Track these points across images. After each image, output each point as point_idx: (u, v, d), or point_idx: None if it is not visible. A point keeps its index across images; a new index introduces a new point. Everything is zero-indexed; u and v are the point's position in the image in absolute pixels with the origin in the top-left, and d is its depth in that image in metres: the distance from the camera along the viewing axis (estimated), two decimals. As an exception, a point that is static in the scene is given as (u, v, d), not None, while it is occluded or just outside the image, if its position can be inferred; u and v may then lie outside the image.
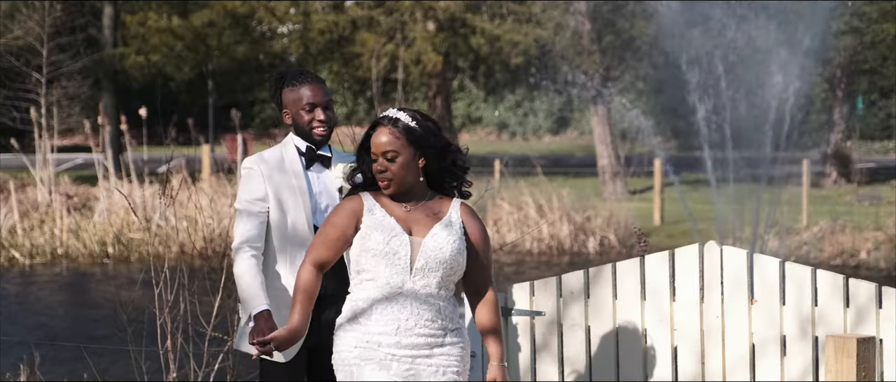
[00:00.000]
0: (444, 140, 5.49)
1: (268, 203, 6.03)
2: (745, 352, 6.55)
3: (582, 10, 33.36)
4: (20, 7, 34.22)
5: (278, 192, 6.04)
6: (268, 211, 6.03)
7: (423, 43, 36.45)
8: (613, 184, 32.61)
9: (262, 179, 6.04)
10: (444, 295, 5.44)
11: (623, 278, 6.79)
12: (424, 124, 5.44)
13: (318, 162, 6.12)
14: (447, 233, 5.42)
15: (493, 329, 5.46)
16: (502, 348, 5.45)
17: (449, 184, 5.56)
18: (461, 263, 5.43)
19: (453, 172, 5.54)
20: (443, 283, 5.42)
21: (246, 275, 5.96)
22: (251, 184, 6.05)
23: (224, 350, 8.38)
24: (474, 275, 5.49)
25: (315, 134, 6.09)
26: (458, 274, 5.45)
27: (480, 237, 5.48)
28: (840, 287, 6.37)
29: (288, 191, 6.05)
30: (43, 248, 23.66)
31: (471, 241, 5.47)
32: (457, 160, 5.53)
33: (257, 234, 6.00)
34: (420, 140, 5.42)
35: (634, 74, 38.51)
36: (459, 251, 5.41)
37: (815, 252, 23.61)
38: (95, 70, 37.11)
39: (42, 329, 16.86)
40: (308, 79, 6.12)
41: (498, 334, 5.46)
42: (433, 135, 5.44)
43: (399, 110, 5.48)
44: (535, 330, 6.95)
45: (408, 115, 5.44)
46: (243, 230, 5.99)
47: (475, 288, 5.52)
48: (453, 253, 5.41)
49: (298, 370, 6.11)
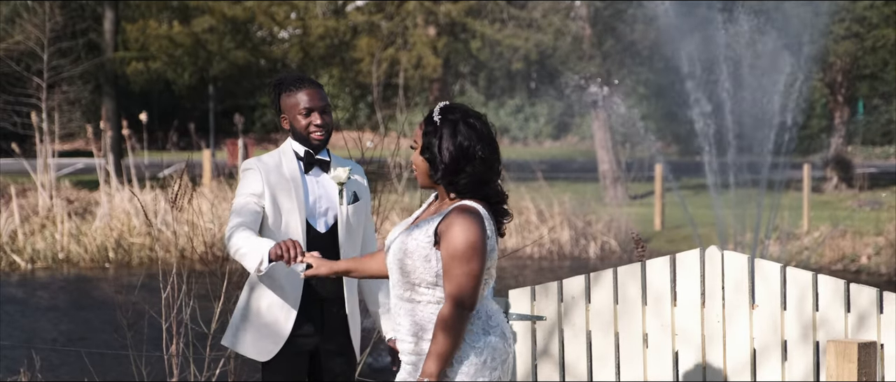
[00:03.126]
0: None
1: (264, 200, 6.04)
2: (747, 357, 6.55)
3: (582, 15, 33.38)
4: (21, 12, 34.24)
5: (275, 193, 6.06)
6: (263, 208, 6.04)
7: (423, 48, 36.48)
8: (614, 188, 32.62)
9: (260, 177, 6.06)
10: (408, 297, 5.20)
11: (624, 283, 6.79)
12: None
13: (317, 166, 6.14)
14: (406, 234, 5.21)
15: (433, 342, 5.11)
16: (436, 363, 5.06)
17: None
18: (407, 265, 5.14)
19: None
20: (402, 284, 5.19)
21: (235, 239, 5.83)
22: (249, 180, 6.08)
23: (225, 355, 8.39)
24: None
25: (313, 138, 6.12)
26: (414, 276, 5.13)
27: (446, 244, 5.09)
28: (841, 292, 6.37)
29: (284, 194, 6.07)
30: (44, 253, 23.66)
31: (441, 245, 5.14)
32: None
33: (252, 221, 5.95)
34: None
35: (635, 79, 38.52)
36: (405, 252, 5.16)
37: (816, 257, 23.61)
38: (96, 75, 37.12)
39: (43, 334, 16.86)
40: (305, 85, 6.15)
41: (435, 346, 5.07)
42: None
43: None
44: (537, 335, 6.95)
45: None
46: (237, 219, 5.96)
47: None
48: (397, 253, 5.19)
49: (300, 373, 6.11)
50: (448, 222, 5.08)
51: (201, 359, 8.41)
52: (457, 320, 5.05)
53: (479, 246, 5.05)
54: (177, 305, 8.01)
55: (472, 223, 5.06)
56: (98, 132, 29.96)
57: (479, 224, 5.08)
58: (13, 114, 31.58)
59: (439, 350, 5.05)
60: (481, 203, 5.15)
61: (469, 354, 5.12)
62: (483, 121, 5.16)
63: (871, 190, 31.68)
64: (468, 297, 5.05)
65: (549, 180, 30.06)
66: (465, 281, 5.04)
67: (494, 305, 5.26)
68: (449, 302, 5.05)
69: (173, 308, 7.99)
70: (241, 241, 5.81)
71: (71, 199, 26.57)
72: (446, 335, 5.04)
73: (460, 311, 5.05)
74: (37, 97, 30.11)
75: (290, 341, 6.05)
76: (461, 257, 5.03)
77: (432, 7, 36.41)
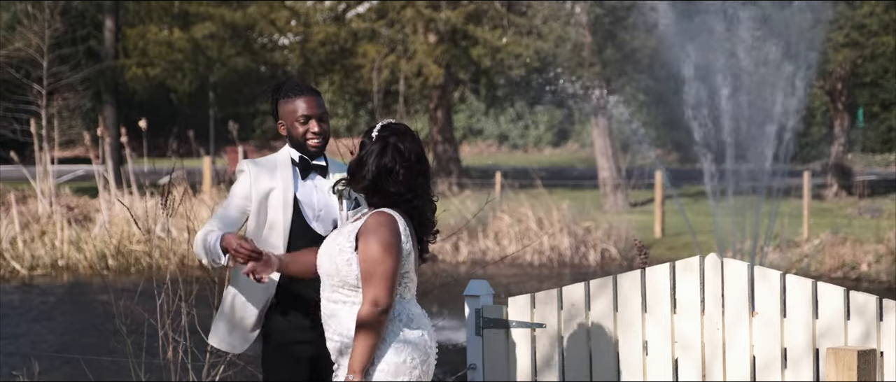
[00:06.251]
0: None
1: (249, 202, 6.12)
2: (746, 365, 6.54)
3: (583, 23, 33.39)
4: (21, 19, 34.25)
5: (263, 195, 6.12)
6: (246, 211, 6.12)
7: (424, 55, 36.46)
8: (614, 196, 32.62)
9: (249, 181, 6.13)
10: (334, 297, 5.63)
11: (624, 290, 6.78)
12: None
13: (315, 171, 6.17)
14: (333, 237, 5.66)
15: (354, 341, 5.49)
16: (358, 360, 5.45)
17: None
18: (330, 267, 5.58)
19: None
20: (329, 286, 5.62)
21: (199, 236, 6.06)
22: (237, 184, 6.18)
23: (223, 360, 8.38)
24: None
25: (310, 145, 6.17)
26: (337, 279, 5.58)
27: (362, 247, 5.52)
28: (841, 299, 6.36)
29: (273, 197, 6.12)
30: (43, 260, 23.66)
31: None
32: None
33: (222, 226, 6.08)
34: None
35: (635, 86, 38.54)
36: (330, 254, 5.59)
37: (816, 264, 23.61)
38: (96, 82, 37.14)
39: (42, 341, 16.85)
40: (304, 92, 6.19)
41: (357, 345, 5.47)
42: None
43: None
44: (537, 343, 6.94)
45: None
46: (212, 223, 6.11)
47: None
48: (323, 255, 5.63)
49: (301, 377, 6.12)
50: (364, 227, 5.51)
51: (200, 366, 8.40)
52: (372, 318, 5.43)
53: (391, 247, 5.46)
54: (172, 311, 8.02)
55: (384, 226, 5.49)
56: (96, 139, 29.95)
57: (393, 227, 5.49)
58: (13, 121, 31.60)
59: (359, 348, 5.44)
60: (399, 211, 5.56)
61: (389, 354, 5.50)
62: (416, 145, 5.62)
63: (871, 197, 31.69)
64: (382, 296, 5.43)
65: (549, 187, 30.05)
66: (378, 281, 5.43)
67: (418, 309, 5.66)
68: (365, 302, 5.45)
69: (169, 314, 7.99)
70: (201, 239, 6.03)
71: (70, 206, 26.57)
72: (364, 333, 5.44)
73: (375, 310, 5.43)
74: (37, 104, 30.13)
75: (286, 347, 6.07)
76: (373, 258, 5.44)
77: (432, 14, 36.40)
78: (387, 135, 5.58)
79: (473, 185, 34.24)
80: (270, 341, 6.15)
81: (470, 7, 36.89)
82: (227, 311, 6.22)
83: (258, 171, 6.13)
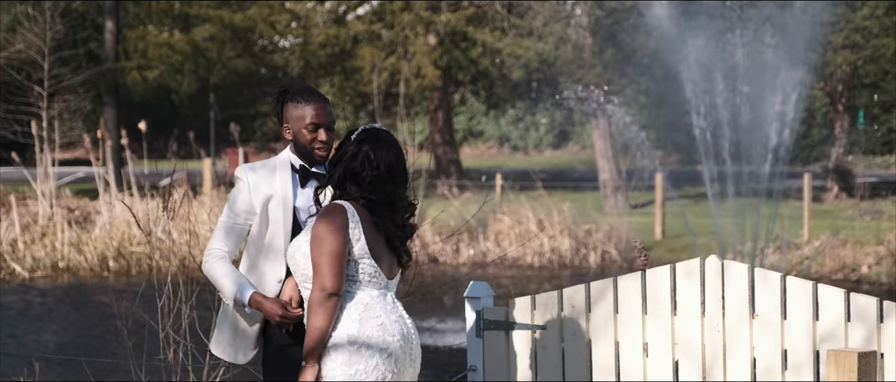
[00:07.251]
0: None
1: (252, 215, 6.09)
2: (747, 367, 6.54)
3: (583, 24, 33.38)
4: (22, 21, 34.24)
5: (263, 203, 6.08)
6: (249, 224, 6.10)
7: (423, 57, 36.45)
8: (615, 198, 32.59)
9: (248, 191, 6.09)
10: (305, 294, 5.73)
11: (625, 292, 6.78)
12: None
13: (314, 179, 6.11)
14: (298, 236, 5.80)
15: (307, 324, 5.58)
16: (309, 345, 5.52)
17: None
18: (295, 262, 5.70)
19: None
20: (299, 283, 5.73)
21: (219, 267, 6.07)
22: (237, 197, 6.11)
23: (224, 362, 8.37)
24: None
25: (316, 154, 6.09)
26: (299, 273, 5.68)
27: (311, 236, 5.62)
28: (841, 301, 6.36)
29: (272, 204, 6.08)
30: (44, 262, 23.65)
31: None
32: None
33: (229, 247, 6.10)
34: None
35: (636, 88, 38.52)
36: (294, 250, 5.71)
37: (817, 266, 23.60)
38: (97, 84, 37.11)
39: (42, 342, 16.85)
40: (314, 99, 6.09)
41: (308, 330, 5.55)
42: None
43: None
44: (537, 345, 6.94)
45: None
46: (218, 241, 6.11)
47: None
48: (290, 251, 5.76)
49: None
50: (315, 219, 5.66)
51: (200, 368, 8.40)
52: (320, 303, 5.51)
53: (333, 232, 5.52)
54: (173, 313, 8.01)
55: (330, 213, 5.58)
56: (97, 141, 29.94)
57: (339, 214, 5.56)
58: (14, 122, 31.58)
59: (310, 332, 5.52)
60: (357, 205, 5.63)
61: (343, 340, 5.52)
62: (392, 155, 5.67)
63: (872, 199, 31.67)
64: (328, 280, 5.49)
65: (549, 189, 30.03)
66: (323, 267, 5.50)
67: (375, 293, 5.64)
68: (314, 288, 5.54)
69: (170, 315, 7.98)
70: (220, 271, 6.07)
71: (71, 208, 26.56)
72: (313, 317, 5.51)
73: (322, 294, 5.50)
74: (37, 106, 30.11)
75: (287, 349, 6.05)
76: (316, 242, 5.53)
77: (431, 17, 36.38)
78: (363, 140, 5.68)
79: (473, 187, 34.24)
80: (271, 343, 6.14)
81: (470, 10, 36.89)
82: (230, 319, 6.20)
83: (256, 179, 6.07)
